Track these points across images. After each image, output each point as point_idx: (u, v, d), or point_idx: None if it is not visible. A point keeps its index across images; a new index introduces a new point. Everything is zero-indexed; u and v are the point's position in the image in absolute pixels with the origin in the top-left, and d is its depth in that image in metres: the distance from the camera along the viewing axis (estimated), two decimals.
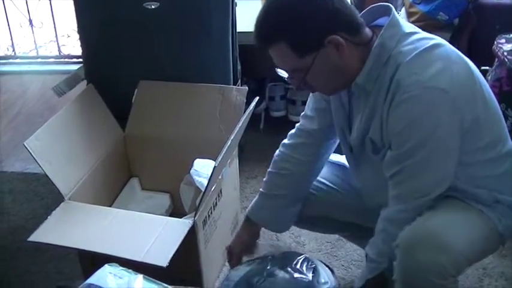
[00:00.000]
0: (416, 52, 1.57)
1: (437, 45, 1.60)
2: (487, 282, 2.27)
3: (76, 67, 2.84)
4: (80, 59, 3.01)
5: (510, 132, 1.77)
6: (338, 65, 1.62)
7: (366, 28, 1.65)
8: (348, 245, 2.43)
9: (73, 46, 4.51)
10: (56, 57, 4.36)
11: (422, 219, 1.63)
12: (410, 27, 1.66)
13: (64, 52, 4.40)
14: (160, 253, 1.86)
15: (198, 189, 2.17)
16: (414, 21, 3.04)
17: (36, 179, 2.99)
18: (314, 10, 1.56)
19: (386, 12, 1.65)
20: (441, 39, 1.65)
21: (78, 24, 2.65)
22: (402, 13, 3.22)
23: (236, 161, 2.50)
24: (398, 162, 1.62)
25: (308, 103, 1.97)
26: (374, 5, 1.69)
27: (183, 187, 2.35)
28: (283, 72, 1.73)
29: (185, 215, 2.19)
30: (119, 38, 2.57)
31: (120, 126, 2.57)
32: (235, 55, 2.69)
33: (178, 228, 1.98)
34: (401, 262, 1.61)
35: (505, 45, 2.56)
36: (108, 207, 2.40)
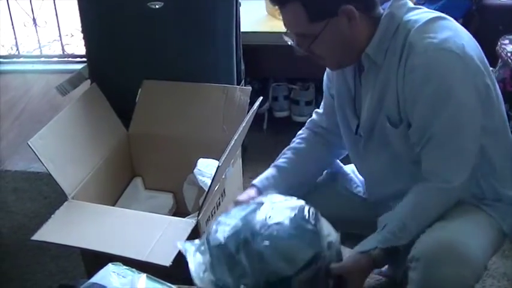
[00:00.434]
0: (426, 19, 1.59)
1: (444, 17, 1.63)
2: (490, 282, 2.27)
3: (79, 66, 2.84)
4: (84, 58, 3.02)
5: None
6: (347, 37, 1.62)
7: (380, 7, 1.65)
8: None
9: (77, 45, 4.51)
10: (60, 56, 4.37)
11: (438, 228, 1.61)
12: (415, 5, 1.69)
13: (68, 51, 4.41)
14: (163, 252, 1.86)
15: (202, 188, 2.17)
16: None
17: (39, 178, 3.00)
18: None
19: None
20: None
21: (81, 23, 2.65)
22: None
23: (239, 161, 2.50)
24: (425, 128, 1.59)
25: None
26: None
27: (187, 187, 2.35)
28: (289, 38, 1.71)
29: (188, 215, 2.19)
30: (123, 38, 2.57)
31: (123, 125, 2.57)
32: (238, 55, 2.69)
33: (181, 227, 1.98)
34: (424, 276, 1.58)
35: (509, 45, 2.56)
36: (111, 206, 2.40)
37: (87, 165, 2.34)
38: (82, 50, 3.81)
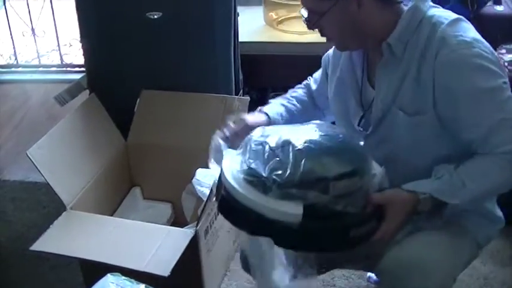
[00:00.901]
0: (453, 18, 1.60)
1: (465, 20, 1.64)
2: None
3: (78, 76, 2.85)
4: (82, 68, 3.01)
5: None
6: (356, 21, 1.61)
7: None
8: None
9: (75, 55, 4.51)
10: (58, 66, 4.36)
11: (405, 242, 1.61)
12: None
13: (66, 61, 4.40)
14: (162, 262, 1.86)
15: (200, 198, 2.17)
16: None
17: (38, 188, 2.99)
18: None
19: None
20: None
21: (80, 33, 2.66)
22: None
23: None
24: (477, 125, 1.56)
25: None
26: None
27: (185, 196, 2.35)
28: (303, 12, 1.69)
29: (187, 225, 2.19)
30: (122, 47, 2.57)
31: (122, 135, 2.58)
32: (237, 65, 2.69)
33: (180, 237, 1.99)
34: None
35: (506, 55, 2.57)
36: (110, 216, 2.40)
37: (85, 175, 2.35)
38: (81, 60, 3.83)
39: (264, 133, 1.56)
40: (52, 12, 4.15)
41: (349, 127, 1.80)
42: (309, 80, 2.03)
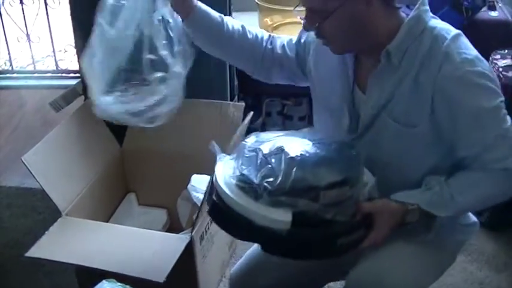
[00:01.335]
0: (453, 35, 1.57)
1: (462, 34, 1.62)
2: None
3: (73, 82, 2.84)
4: (78, 74, 3.02)
5: None
6: (361, 24, 1.56)
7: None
8: None
9: (70, 61, 4.50)
10: (54, 72, 4.36)
11: (370, 257, 1.61)
12: None
13: (61, 67, 4.40)
14: (157, 269, 1.86)
15: (195, 204, 2.17)
16: None
17: (33, 194, 2.98)
18: None
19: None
20: None
21: (75, 39, 2.66)
22: None
23: None
24: (476, 143, 1.56)
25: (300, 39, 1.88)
26: None
27: (180, 202, 2.36)
28: (299, 14, 1.66)
29: (182, 231, 2.19)
30: None
31: (117, 141, 2.58)
32: (232, 71, 2.70)
33: (175, 243, 1.99)
34: None
35: (500, 61, 2.58)
36: (105, 222, 2.40)
37: (80, 181, 2.34)
38: (76, 66, 3.83)
39: (259, 140, 1.57)
40: (47, 17, 4.15)
41: (341, 133, 1.75)
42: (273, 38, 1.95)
